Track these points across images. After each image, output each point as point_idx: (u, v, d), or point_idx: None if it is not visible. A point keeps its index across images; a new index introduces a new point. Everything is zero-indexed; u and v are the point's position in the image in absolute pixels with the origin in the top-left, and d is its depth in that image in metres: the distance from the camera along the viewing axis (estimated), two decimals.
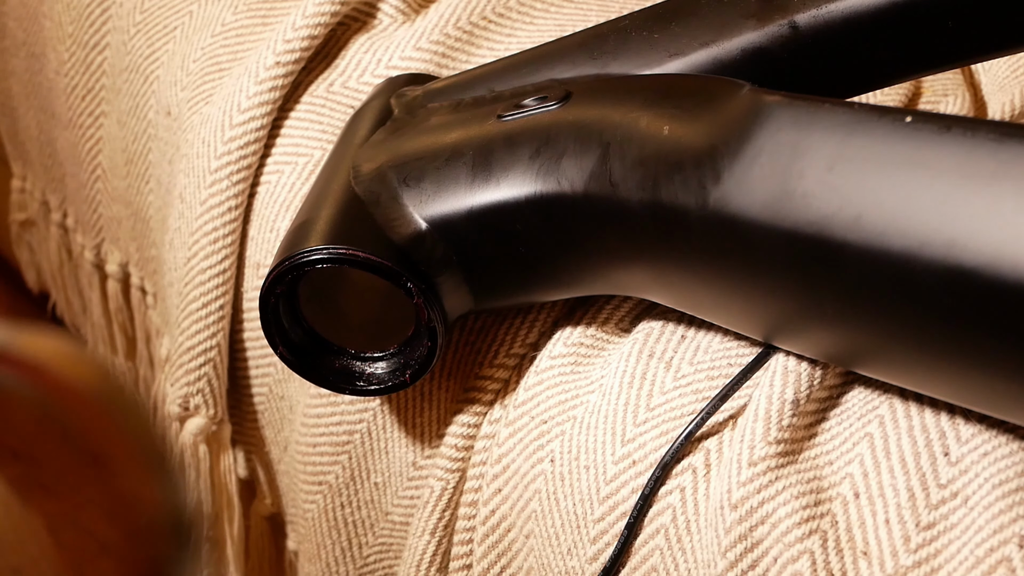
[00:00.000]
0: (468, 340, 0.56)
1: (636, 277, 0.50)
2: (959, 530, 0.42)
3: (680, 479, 0.48)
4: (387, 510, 0.60)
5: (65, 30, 0.80)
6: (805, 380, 0.47)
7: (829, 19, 0.49)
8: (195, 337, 0.65)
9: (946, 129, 0.39)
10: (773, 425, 0.46)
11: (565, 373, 0.53)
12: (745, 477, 0.46)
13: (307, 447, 0.62)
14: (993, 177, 0.37)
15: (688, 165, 0.45)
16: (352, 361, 0.52)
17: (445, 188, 0.51)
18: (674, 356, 0.51)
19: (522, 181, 0.49)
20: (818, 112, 0.42)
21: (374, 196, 0.51)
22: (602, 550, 0.49)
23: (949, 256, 0.37)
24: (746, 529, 0.45)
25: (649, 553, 0.48)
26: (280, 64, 0.65)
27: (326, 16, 0.66)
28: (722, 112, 0.45)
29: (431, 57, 0.66)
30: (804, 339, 0.46)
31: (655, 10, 0.54)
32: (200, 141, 0.66)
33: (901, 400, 0.46)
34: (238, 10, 0.71)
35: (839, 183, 0.40)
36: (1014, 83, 0.63)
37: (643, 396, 0.50)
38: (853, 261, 0.40)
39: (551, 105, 0.51)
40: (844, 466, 0.46)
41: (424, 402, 0.57)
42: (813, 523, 0.44)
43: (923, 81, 0.66)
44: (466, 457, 0.55)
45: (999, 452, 0.43)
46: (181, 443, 0.68)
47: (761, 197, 0.42)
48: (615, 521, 0.49)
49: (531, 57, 0.56)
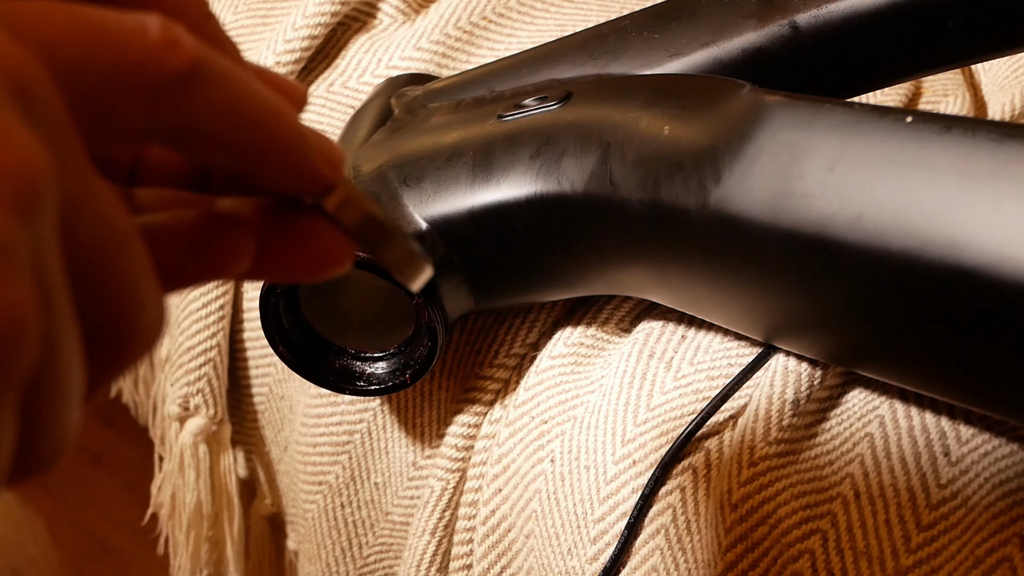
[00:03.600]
0: (468, 340, 0.56)
1: (636, 277, 0.50)
2: (959, 530, 0.42)
3: (680, 479, 0.48)
4: (387, 510, 0.60)
5: None
6: (805, 380, 0.47)
7: (829, 19, 0.49)
8: (195, 337, 0.65)
9: (946, 129, 0.39)
10: (773, 425, 0.46)
11: (565, 373, 0.53)
12: (745, 477, 0.46)
13: (307, 447, 0.62)
14: (993, 177, 0.37)
15: (688, 165, 0.45)
16: (352, 361, 0.52)
17: (445, 188, 0.51)
18: (674, 356, 0.51)
19: (522, 181, 0.49)
20: (818, 112, 0.42)
21: (374, 196, 0.51)
22: (602, 550, 0.49)
23: (949, 256, 0.37)
24: (746, 529, 0.45)
25: (649, 553, 0.48)
26: (280, 64, 0.65)
27: (326, 16, 0.66)
28: (722, 112, 0.45)
29: (431, 57, 0.66)
30: (804, 339, 0.46)
31: (655, 10, 0.54)
32: None
33: (901, 400, 0.46)
34: (238, 10, 0.71)
35: (839, 183, 0.40)
36: (1014, 83, 0.63)
37: (643, 396, 0.50)
38: (853, 261, 0.40)
39: (551, 105, 0.51)
40: (844, 466, 0.46)
41: (424, 402, 0.57)
42: (813, 523, 0.45)
43: (923, 81, 0.66)
44: (466, 457, 0.55)
45: (999, 452, 0.43)
46: (181, 443, 0.68)
47: (761, 197, 0.42)
48: (615, 521, 0.49)
49: (531, 57, 0.56)
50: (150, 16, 0.23)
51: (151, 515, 0.73)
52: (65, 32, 0.22)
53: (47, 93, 0.21)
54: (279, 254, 0.28)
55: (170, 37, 0.23)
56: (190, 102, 0.24)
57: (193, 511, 0.69)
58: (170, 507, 0.71)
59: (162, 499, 0.71)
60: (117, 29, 0.23)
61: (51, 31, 0.22)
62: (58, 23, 0.22)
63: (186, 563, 0.71)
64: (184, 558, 0.71)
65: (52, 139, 0.21)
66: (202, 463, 0.69)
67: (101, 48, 0.23)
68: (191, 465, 0.70)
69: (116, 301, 0.22)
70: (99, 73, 0.23)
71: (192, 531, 0.70)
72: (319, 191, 0.28)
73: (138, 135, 0.24)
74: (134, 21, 0.23)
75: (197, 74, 0.24)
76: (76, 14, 0.23)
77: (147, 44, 0.23)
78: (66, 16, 0.22)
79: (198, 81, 0.24)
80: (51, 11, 0.22)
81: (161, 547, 0.73)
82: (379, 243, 0.30)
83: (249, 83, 0.25)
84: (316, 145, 0.27)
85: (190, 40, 0.24)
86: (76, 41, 0.22)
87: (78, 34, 0.22)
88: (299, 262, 0.28)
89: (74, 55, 0.22)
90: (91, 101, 0.23)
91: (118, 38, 0.23)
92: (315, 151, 0.27)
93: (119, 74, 0.23)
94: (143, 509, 0.74)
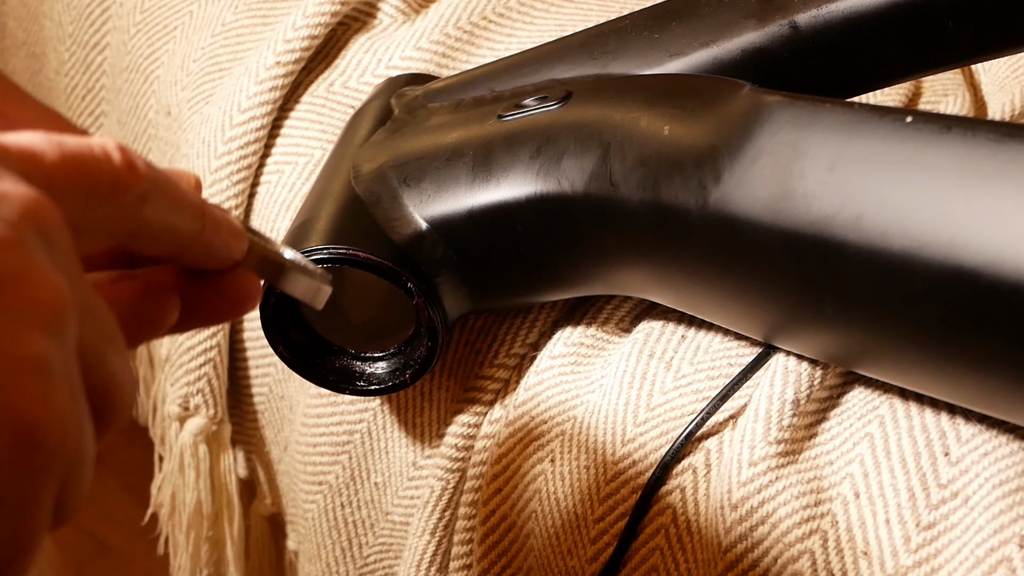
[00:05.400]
0: (468, 340, 0.56)
1: (636, 277, 0.50)
2: (959, 530, 0.42)
3: (680, 479, 0.48)
4: (387, 510, 0.60)
5: (65, 30, 0.80)
6: (805, 380, 0.47)
7: (829, 19, 0.49)
8: (195, 337, 0.65)
9: (946, 129, 0.39)
10: (773, 425, 0.46)
11: (565, 373, 0.53)
12: (745, 477, 0.46)
13: (307, 447, 0.62)
14: (993, 177, 0.37)
15: (689, 165, 0.45)
16: (352, 361, 0.52)
17: (445, 188, 0.51)
18: (674, 356, 0.51)
19: (522, 181, 0.49)
20: (818, 112, 0.42)
21: (374, 196, 0.51)
22: (602, 550, 0.49)
23: (949, 256, 0.37)
24: (746, 529, 0.45)
25: (649, 553, 0.48)
26: (280, 64, 0.65)
27: (326, 16, 0.66)
28: (722, 112, 0.45)
29: (431, 57, 0.66)
30: (804, 339, 0.46)
31: (655, 10, 0.54)
32: (200, 141, 0.66)
33: (901, 400, 0.46)
34: (238, 10, 0.71)
35: (840, 183, 0.40)
36: (1014, 83, 0.63)
37: (643, 396, 0.50)
38: (854, 261, 0.40)
39: (551, 105, 0.51)
40: (844, 466, 0.46)
41: (424, 402, 0.57)
42: (813, 523, 0.45)
43: (923, 81, 0.66)
44: (466, 457, 0.55)
45: (999, 452, 0.43)
46: (181, 443, 0.68)
47: (762, 197, 0.42)
48: (615, 521, 0.49)
49: (531, 57, 0.56)
50: (107, 141, 0.29)
51: (151, 515, 0.73)
52: (58, 166, 0.27)
53: (61, 230, 0.26)
54: (200, 305, 0.34)
55: (128, 160, 0.29)
56: (147, 210, 0.30)
57: (193, 511, 0.69)
58: (170, 507, 0.71)
59: (162, 499, 0.71)
60: (91, 158, 0.28)
61: (48, 167, 0.27)
62: (50, 158, 0.27)
63: (186, 563, 0.71)
64: (184, 558, 0.71)
65: (65, 267, 0.25)
66: (202, 463, 0.69)
67: (82, 177, 0.28)
68: (191, 465, 0.70)
69: (110, 383, 0.27)
70: (82, 197, 0.28)
71: (192, 531, 0.70)
72: (237, 260, 0.35)
73: (103, 241, 0.30)
74: (100, 148, 0.28)
75: (151, 189, 0.30)
76: (59, 146, 0.27)
77: (114, 170, 0.29)
78: (53, 149, 0.27)
79: (150, 194, 0.30)
80: (42, 147, 0.27)
81: (161, 547, 0.73)
82: (277, 276, 0.36)
83: (183, 189, 0.31)
84: (229, 225, 0.34)
85: (140, 160, 0.29)
86: (66, 175, 0.27)
87: (66, 166, 0.27)
88: (217, 308, 0.34)
89: (64, 188, 0.27)
90: (73, 219, 0.28)
91: (92, 166, 0.28)
92: (232, 231, 0.34)
93: (97, 196, 0.28)
94: (143, 509, 0.74)
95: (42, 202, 0.25)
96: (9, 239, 0.24)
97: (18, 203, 0.25)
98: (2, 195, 0.25)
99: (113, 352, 0.27)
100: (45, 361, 0.23)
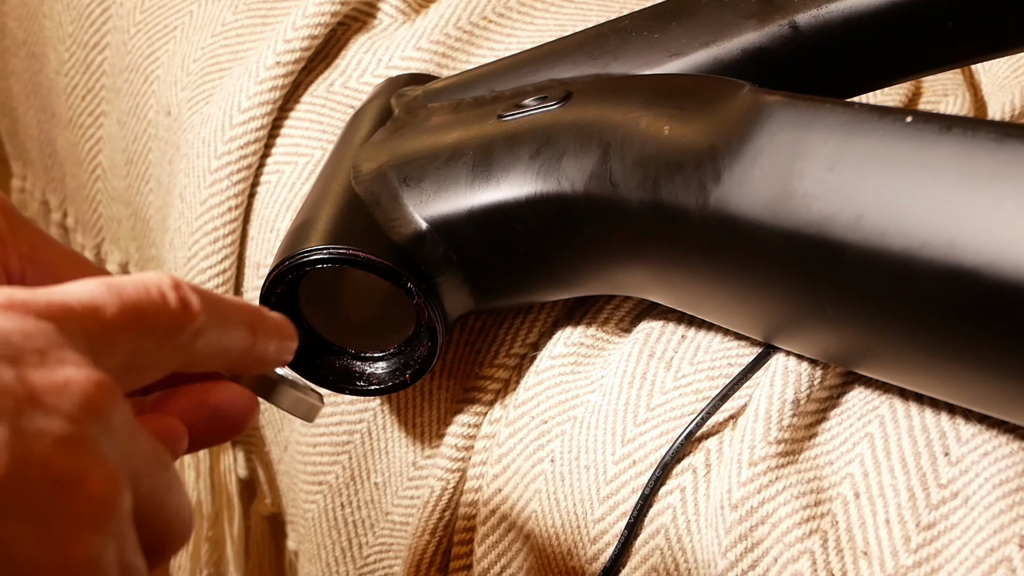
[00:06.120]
0: (468, 340, 0.56)
1: (636, 277, 0.50)
2: (959, 530, 0.42)
3: (680, 479, 0.48)
4: (387, 510, 0.60)
5: (65, 30, 0.80)
6: (805, 380, 0.47)
7: (829, 19, 0.49)
8: None
9: (946, 129, 0.39)
10: (773, 425, 0.46)
11: (565, 373, 0.53)
12: (745, 477, 0.46)
13: (307, 447, 0.62)
14: (993, 177, 0.37)
15: (688, 165, 0.45)
16: (352, 361, 0.52)
17: (445, 188, 0.51)
18: (674, 356, 0.51)
19: (522, 181, 0.49)
20: (818, 112, 0.42)
21: (374, 196, 0.51)
22: (602, 550, 0.49)
23: (949, 256, 0.37)
24: (746, 529, 0.45)
25: (649, 553, 0.48)
26: (280, 64, 0.65)
27: (326, 16, 0.66)
28: (722, 112, 0.45)
29: (431, 57, 0.66)
30: (804, 339, 0.46)
31: (655, 10, 0.54)
32: (200, 141, 0.66)
33: (901, 400, 0.46)
34: (238, 10, 0.71)
35: (840, 183, 0.40)
36: (1014, 83, 0.63)
37: (643, 396, 0.50)
38: (854, 261, 0.40)
39: (551, 105, 0.51)
40: (844, 466, 0.46)
41: (424, 402, 0.57)
42: (813, 523, 0.45)
43: (923, 81, 0.66)
44: (466, 457, 0.55)
45: (999, 452, 0.43)
46: None
47: (761, 197, 0.42)
48: (615, 521, 0.49)
49: (531, 57, 0.56)
50: (162, 279, 0.30)
51: None
52: (119, 318, 0.28)
53: (121, 407, 0.26)
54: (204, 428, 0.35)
55: (183, 300, 0.30)
56: (200, 343, 0.31)
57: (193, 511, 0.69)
58: None
59: None
60: (148, 304, 0.29)
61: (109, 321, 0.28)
62: (111, 311, 0.28)
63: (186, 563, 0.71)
64: (184, 558, 0.71)
65: (123, 443, 0.26)
66: (202, 463, 0.69)
67: (142, 325, 0.29)
68: (191, 465, 0.70)
69: (167, 525, 0.28)
70: (141, 342, 0.29)
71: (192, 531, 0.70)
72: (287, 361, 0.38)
73: (157, 375, 0.30)
74: (156, 290, 0.29)
75: (205, 324, 0.31)
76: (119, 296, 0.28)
77: (171, 313, 0.29)
78: (113, 300, 0.28)
79: (204, 329, 0.31)
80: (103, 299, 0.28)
81: None
82: (271, 392, 0.39)
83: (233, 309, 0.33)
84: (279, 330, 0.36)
85: (194, 297, 0.30)
86: (126, 324, 0.28)
87: (125, 315, 0.28)
88: (218, 431, 0.35)
89: (125, 337, 0.28)
90: (129, 363, 0.28)
91: (151, 311, 0.29)
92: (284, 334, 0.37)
93: (154, 340, 0.29)
94: None
95: (103, 385, 0.26)
96: (70, 436, 0.24)
97: (80, 392, 0.25)
98: (65, 384, 0.25)
99: (170, 496, 0.28)
100: (98, 562, 0.24)
